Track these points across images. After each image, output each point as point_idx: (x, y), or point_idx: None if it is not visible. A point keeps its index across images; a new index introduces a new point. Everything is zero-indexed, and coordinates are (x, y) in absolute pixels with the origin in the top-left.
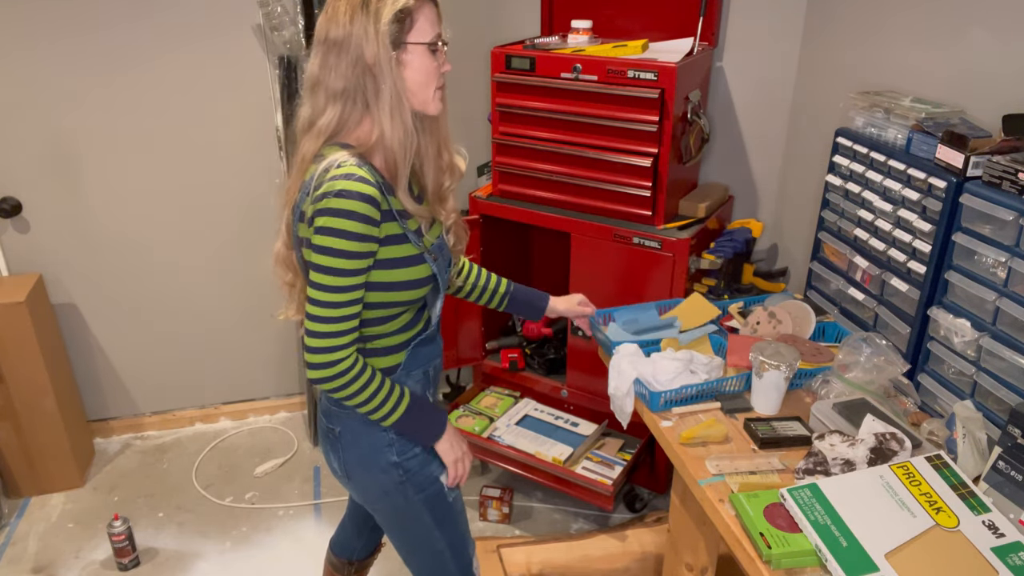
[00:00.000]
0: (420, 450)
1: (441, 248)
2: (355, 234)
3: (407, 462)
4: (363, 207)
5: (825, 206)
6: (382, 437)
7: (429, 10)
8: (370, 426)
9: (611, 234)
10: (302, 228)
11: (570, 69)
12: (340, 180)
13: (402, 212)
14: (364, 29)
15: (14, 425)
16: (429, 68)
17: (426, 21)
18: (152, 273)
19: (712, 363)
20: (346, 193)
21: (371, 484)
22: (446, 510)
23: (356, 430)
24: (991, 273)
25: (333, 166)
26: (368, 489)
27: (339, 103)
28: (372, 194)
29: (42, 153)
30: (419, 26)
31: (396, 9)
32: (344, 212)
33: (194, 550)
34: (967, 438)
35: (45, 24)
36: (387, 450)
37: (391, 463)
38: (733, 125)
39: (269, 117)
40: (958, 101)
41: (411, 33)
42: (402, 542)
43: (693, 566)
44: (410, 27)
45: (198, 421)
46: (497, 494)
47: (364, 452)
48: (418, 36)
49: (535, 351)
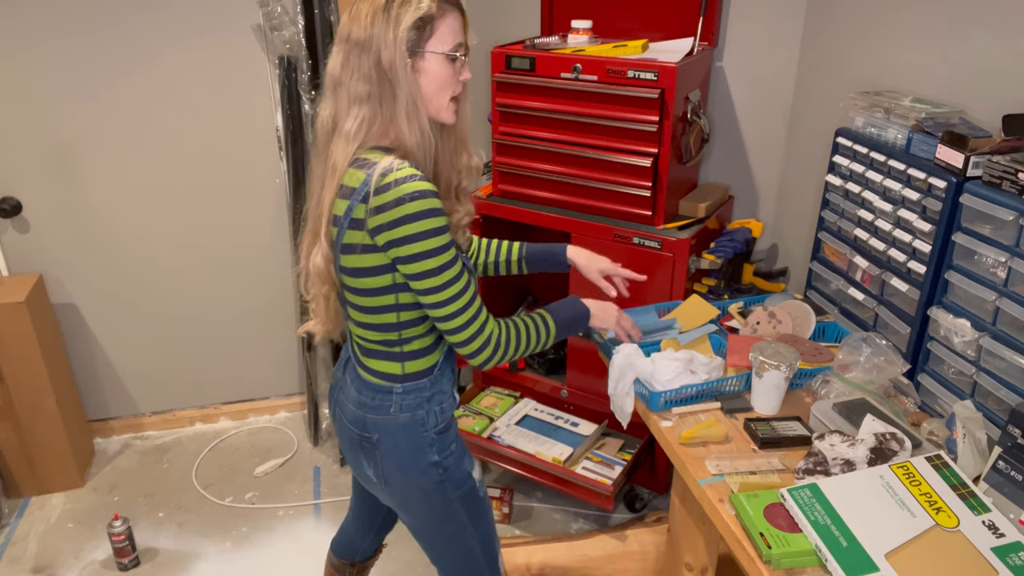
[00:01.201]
0: (455, 447)
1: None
2: (442, 228)
3: (445, 460)
4: (437, 202)
5: (825, 206)
6: (423, 438)
7: (453, 19)
8: (412, 429)
9: (611, 234)
10: (353, 235)
11: (570, 69)
12: (407, 183)
13: None
14: (383, 33)
15: (14, 425)
16: (445, 76)
17: (448, 30)
18: (152, 273)
19: (712, 363)
20: (420, 194)
21: (411, 487)
22: (478, 505)
23: (396, 435)
24: (991, 273)
25: (392, 171)
26: (407, 492)
27: (365, 106)
28: (435, 190)
29: (42, 153)
30: (439, 34)
31: (417, 16)
32: (426, 212)
33: (194, 550)
34: (967, 438)
35: (45, 24)
36: (428, 450)
37: (431, 463)
38: (733, 125)
39: (269, 117)
40: (958, 101)
41: (430, 41)
42: (436, 542)
43: (693, 566)
44: (430, 35)
45: (198, 421)
46: (497, 494)
47: (405, 456)
48: (437, 44)
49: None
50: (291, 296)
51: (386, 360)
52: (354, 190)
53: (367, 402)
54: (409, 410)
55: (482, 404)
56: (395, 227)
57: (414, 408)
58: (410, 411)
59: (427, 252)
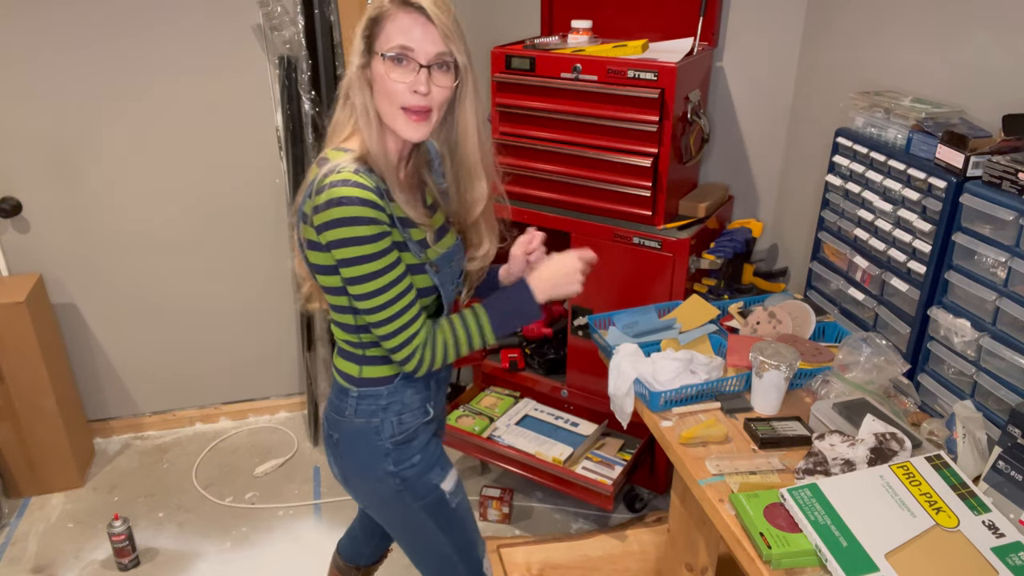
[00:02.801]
0: (419, 459)
1: (450, 260)
2: (368, 237)
3: (404, 471)
4: (366, 211)
5: (825, 206)
6: (379, 447)
7: (402, 17)
8: (367, 435)
9: (611, 234)
10: (305, 229)
11: (570, 69)
12: (338, 187)
13: (404, 220)
14: (355, 30)
15: (14, 425)
16: (386, 83)
17: (393, 28)
18: (152, 273)
19: (712, 363)
20: (346, 200)
21: (369, 492)
22: (450, 516)
23: (354, 439)
24: (991, 273)
25: (333, 171)
26: (367, 496)
27: (339, 107)
28: (370, 198)
29: (42, 153)
30: (385, 34)
31: (368, 16)
32: (352, 219)
33: (194, 550)
34: (967, 438)
35: (45, 25)
36: (384, 459)
37: (387, 472)
38: (733, 125)
39: (269, 117)
40: (958, 101)
41: (377, 42)
42: (408, 547)
43: (693, 566)
44: (376, 36)
45: (198, 421)
46: (497, 494)
47: (361, 461)
48: (380, 44)
49: (535, 351)
50: (291, 296)
51: (348, 361)
52: (310, 185)
53: (333, 400)
54: (364, 416)
55: (482, 404)
56: (329, 229)
57: (368, 415)
58: (365, 417)
59: (355, 259)
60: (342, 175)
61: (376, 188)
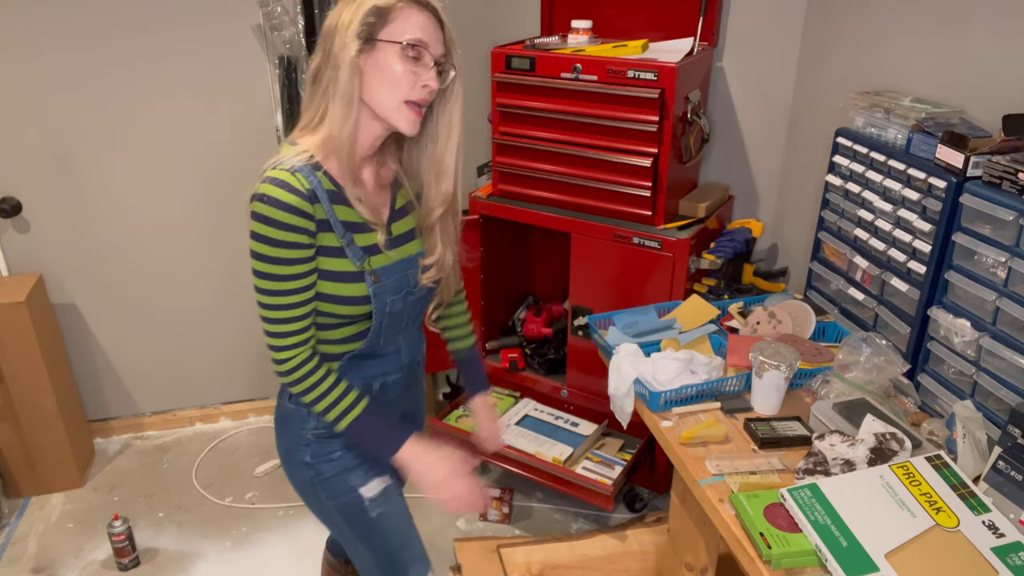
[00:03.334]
0: (338, 456)
1: (404, 270)
2: (278, 241)
3: (320, 464)
4: (283, 215)
5: (825, 206)
6: (300, 435)
7: (416, 15)
8: (293, 421)
9: (611, 234)
10: None
11: (570, 69)
12: (267, 184)
13: (351, 223)
14: (341, 18)
15: (14, 425)
16: (396, 72)
17: (407, 22)
18: (152, 273)
19: (712, 363)
20: (267, 199)
21: (291, 477)
22: (367, 524)
23: (283, 422)
24: (991, 273)
25: (271, 167)
26: (291, 480)
27: (311, 91)
28: (293, 203)
29: (42, 153)
30: (397, 24)
31: (374, 4)
32: (264, 218)
33: (194, 550)
34: (967, 438)
35: (45, 25)
36: (303, 448)
37: (303, 462)
38: (733, 125)
39: (269, 117)
40: (958, 101)
41: (385, 29)
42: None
43: (693, 566)
44: (384, 24)
45: (198, 421)
46: (497, 494)
47: (285, 445)
48: (391, 34)
49: (535, 351)
50: None
51: None
52: None
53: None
54: (295, 402)
55: None
56: (250, 220)
57: (299, 402)
58: (295, 403)
59: (257, 255)
60: (276, 172)
61: (308, 192)
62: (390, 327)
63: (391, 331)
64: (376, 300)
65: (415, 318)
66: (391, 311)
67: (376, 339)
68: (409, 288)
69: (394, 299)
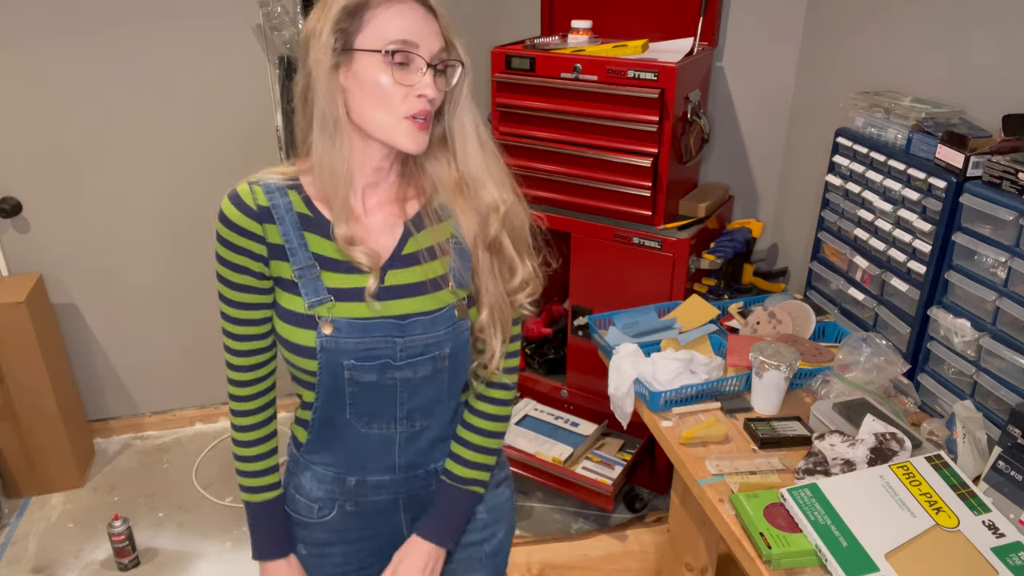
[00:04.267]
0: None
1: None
2: (223, 260)
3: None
4: (227, 233)
5: (825, 206)
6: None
7: (397, 9)
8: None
9: (611, 234)
10: None
11: (570, 69)
12: (226, 198)
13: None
14: (315, 23)
15: (14, 425)
16: (379, 84)
17: (385, 21)
18: (152, 273)
19: (712, 363)
20: (220, 213)
21: None
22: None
23: None
24: (991, 273)
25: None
26: None
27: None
28: (236, 220)
29: (42, 153)
30: (373, 27)
31: (342, 5)
32: (216, 233)
33: (194, 550)
34: (967, 438)
35: (45, 25)
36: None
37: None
38: (733, 125)
39: (269, 117)
40: (958, 101)
41: (360, 35)
42: None
43: (693, 566)
44: (360, 27)
45: (198, 421)
46: None
47: None
48: (368, 40)
49: (535, 351)
50: None
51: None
52: None
53: None
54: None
55: None
56: None
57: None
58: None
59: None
60: (238, 186)
61: (260, 210)
62: (364, 403)
63: (367, 409)
64: (324, 356)
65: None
66: (354, 379)
67: (331, 412)
68: (392, 359)
69: (358, 366)
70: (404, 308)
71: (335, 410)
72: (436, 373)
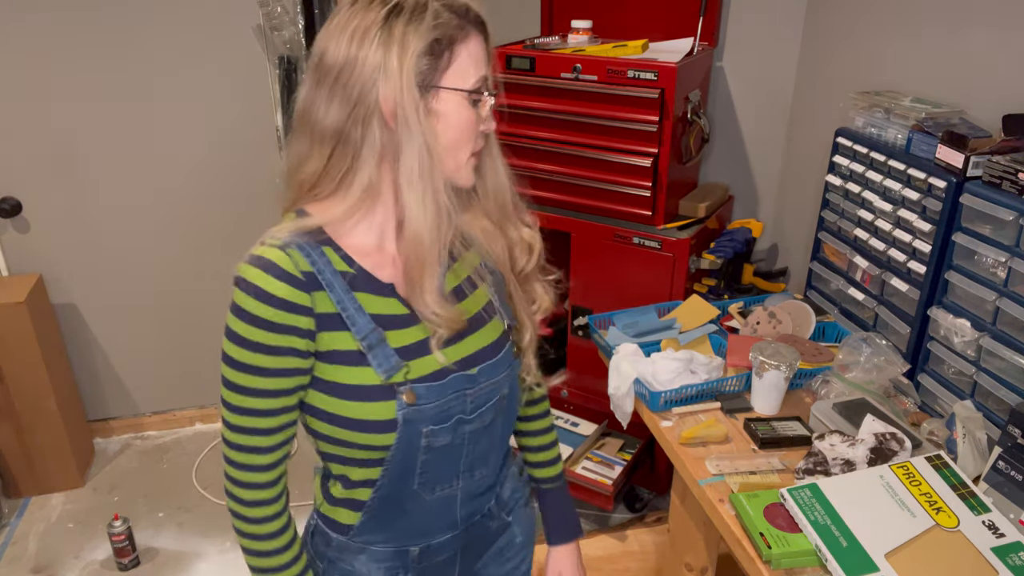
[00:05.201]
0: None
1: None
2: (255, 344)
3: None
4: (264, 310)
5: (825, 206)
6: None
7: (476, 44)
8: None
9: (611, 234)
10: None
11: (570, 69)
12: (245, 265)
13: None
14: (383, 58)
15: (14, 425)
16: (465, 124)
17: (469, 58)
18: (152, 273)
19: (712, 363)
20: (245, 285)
21: None
22: None
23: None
24: (991, 273)
25: (259, 242)
26: None
27: (327, 150)
28: (280, 293)
29: (42, 153)
30: (459, 64)
31: (432, 37)
32: (240, 311)
33: (194, 550)
34: (967, 438)
35: (46, 25)
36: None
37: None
38: (733, 125)
39: (269, 117)
40: (958, 101)
41: (447, 73)
42: None
43: (693, 566)
44: (447, 64)
45: (198, 421)
46: None
47: None
48: (456, 79)
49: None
50: None
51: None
52: None
53: None
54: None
55: None
56: None
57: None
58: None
59: (224, 355)
60: (263, 248)
61: (306, 277)
62: (432, 469)
63: (435, 475)
64: (405, 428)
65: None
66: (430, 446)
67: (399, 487)
68: (464, 413)
69: (436, 430)
70: (469, 348)
71: (403, 483)
72: (495, 417)
